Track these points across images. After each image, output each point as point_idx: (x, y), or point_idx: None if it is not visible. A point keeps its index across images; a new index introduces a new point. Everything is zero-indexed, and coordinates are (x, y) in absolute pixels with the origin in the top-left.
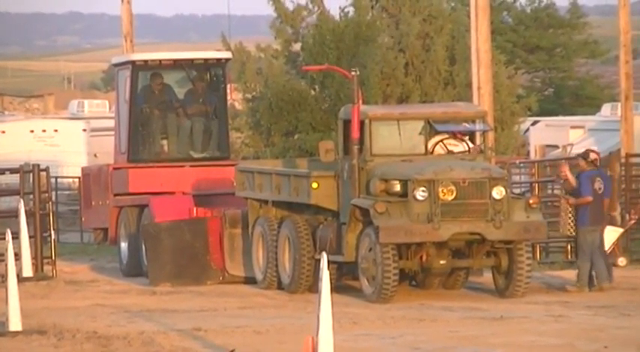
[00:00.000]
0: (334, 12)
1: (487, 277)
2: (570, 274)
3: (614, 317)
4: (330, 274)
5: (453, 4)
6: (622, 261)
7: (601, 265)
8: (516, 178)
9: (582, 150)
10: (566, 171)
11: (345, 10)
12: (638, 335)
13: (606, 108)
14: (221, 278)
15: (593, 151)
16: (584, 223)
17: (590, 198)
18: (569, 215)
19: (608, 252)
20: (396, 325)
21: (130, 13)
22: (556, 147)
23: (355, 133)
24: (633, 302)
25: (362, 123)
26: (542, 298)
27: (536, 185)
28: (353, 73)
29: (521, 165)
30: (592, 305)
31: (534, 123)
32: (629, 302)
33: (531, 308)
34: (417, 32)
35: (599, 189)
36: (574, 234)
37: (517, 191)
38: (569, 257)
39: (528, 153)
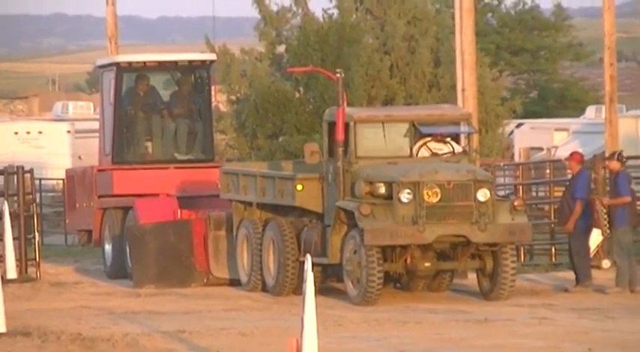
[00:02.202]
0: (319, 14)
1: (472, 279)
2: (556, 276)
3: (599, 320)
4: (315, 276)
5: (437, 7)
6: (606, 263)
7: (634, 267)
8: (500, 180)
9: (614, 152)
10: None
11: (329, 11)
12: (622, 338)
13: (591, 111)
14: (205, 280)
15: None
16: (623, 223)
17: (628, 199)
18: (604, 216)
19: (593, 254)
20: (381, 327)
21: (114, 14)
22: (540, 149)
23: (340, 135)
24: (618, 304)
25: (347, 126)
26: (527, 300)
27: (521, 187)
28: (337, 75)
29: (506, 167)
30: (576, 307)
31: (519, 125)
32: (614, 305)
33: (516, 310)
34: (402, 34)
35: (632, 189)
36: (608, 234)
37: (501, 193)
38: (554, 259)
39: (513, 156)
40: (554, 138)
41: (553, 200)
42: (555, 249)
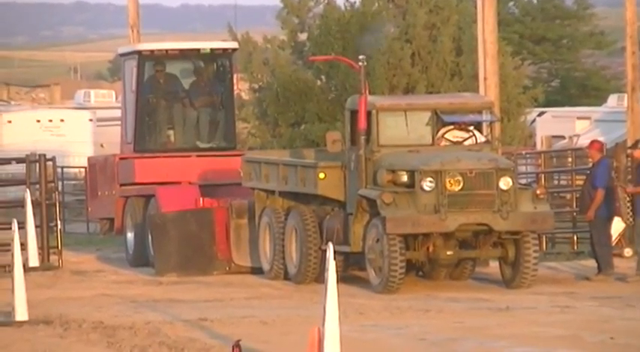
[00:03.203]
0: (340, 3)
1: (493, 267)
2: (577, 264)
3: (620, 308)
4: (337, 265)
5: None
6: (628, 251)
7: None
8: (522, 169)
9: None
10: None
11: (351, 0)
12: None
13: (612, 99)
14: (227, 268)
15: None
16: None
17: None
18: (627, 204)
19: (615, 242)
20: (402, 316)
21: (136, 3)
22: (562, 137)
23: (362, 124)
24: (639, 293)
25: (369, 114)
26: (548, 289)
27: (543, 175)
28: (360, 64)
29: (528, 155)
30: (598, 296)
31: (541, 114)
32: (635, 293)
33: (537, 299)
34: (424, 23)
35: None
36: (632, 222)
37: (523, 181)
38: (576, 247)
39: (535, 144)
40: (576, 126)
41: (575, 188)
42: (577, 238)
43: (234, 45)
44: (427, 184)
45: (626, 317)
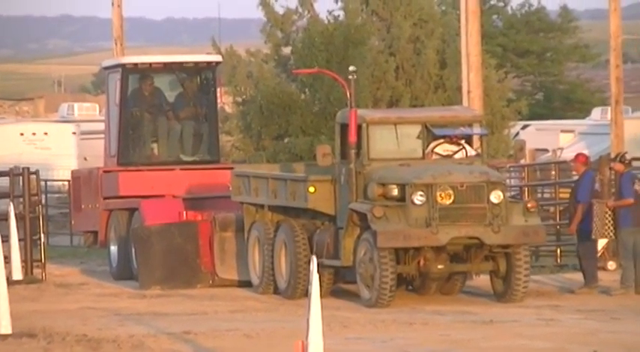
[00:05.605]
0: (324, 16)
1: (478, 280)
2: (561, 277)
3: (605, 321)
4: (327, 279)
5: (443, 8)
6: (611, 264)
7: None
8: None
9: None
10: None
11: (335, 13)
12: (628, 339)
13: (596, 112)
14: (211, 281)
15: (626, 152)
16: (627, 224)
17: (631, 201)
18: (608, 218)
19: (599, 255)
20: (387, 329)
21: (120, 16)
22: (546, 151)
23: (352, 137)
24: (623, 305)
25: (359, 127)
26: (533, 302)
27: (527, 189)
28: (350, 77)
29: (512, 168)
30: (582, 309)
31: (524, 127)
32: (620, 306)
33: (522, 312)
34: (408, 36)
35: (637, 190)
36: (613, 236)
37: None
38: (559, 261)
39: (525, 157)
40: (560, 139)
41: (559, 201)
42: (561, 251)
43: (217, 58)
44: (418, 198)
45: (610, 329)
